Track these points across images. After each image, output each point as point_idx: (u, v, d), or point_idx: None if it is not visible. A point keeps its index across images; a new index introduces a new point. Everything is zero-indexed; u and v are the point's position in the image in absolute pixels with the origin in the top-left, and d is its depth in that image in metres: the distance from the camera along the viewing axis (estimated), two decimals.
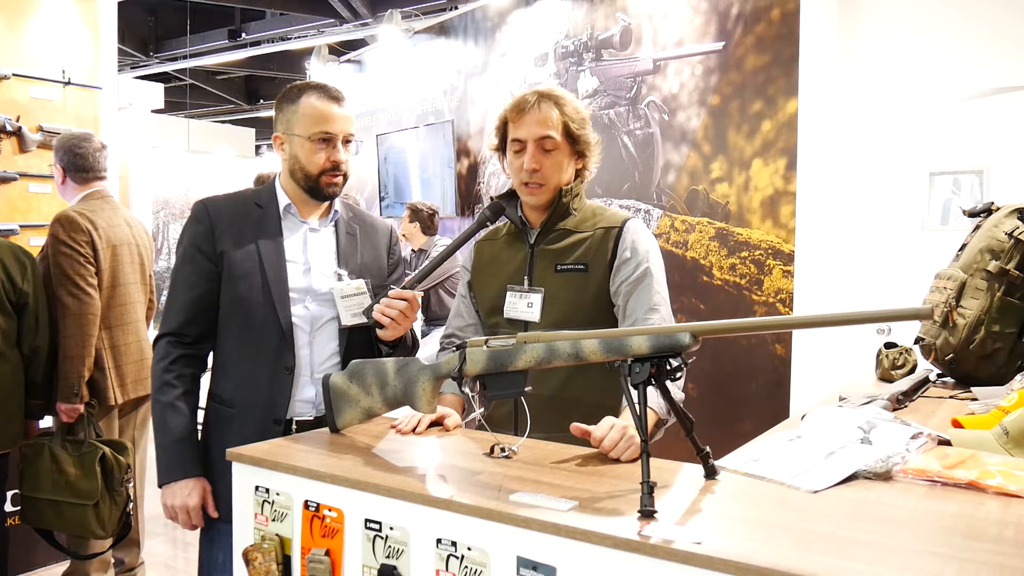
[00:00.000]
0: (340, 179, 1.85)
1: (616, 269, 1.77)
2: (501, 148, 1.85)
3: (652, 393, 1.29)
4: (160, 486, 1.78)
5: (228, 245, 1.81)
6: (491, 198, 1.91)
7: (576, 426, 1.44)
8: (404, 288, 1.75)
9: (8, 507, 2.96)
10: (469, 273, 1.96)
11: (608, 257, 1.77)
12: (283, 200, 1.87)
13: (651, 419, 1.61)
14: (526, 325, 1.79)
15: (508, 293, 1.83)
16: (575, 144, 1.80)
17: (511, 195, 1.88)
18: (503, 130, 1.83)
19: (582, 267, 1.78)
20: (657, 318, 1.72)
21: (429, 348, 3.75)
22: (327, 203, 1.91)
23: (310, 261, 1.85)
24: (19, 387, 2.71)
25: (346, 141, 1.84)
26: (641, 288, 1.75)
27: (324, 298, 1.84)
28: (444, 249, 1.80)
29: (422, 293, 1.83)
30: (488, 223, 1.83)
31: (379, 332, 1.77)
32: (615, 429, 1.41)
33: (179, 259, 1.86)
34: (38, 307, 2.73)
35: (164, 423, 1.78)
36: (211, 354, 1.90)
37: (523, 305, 1.80)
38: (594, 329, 1.28)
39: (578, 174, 1.85)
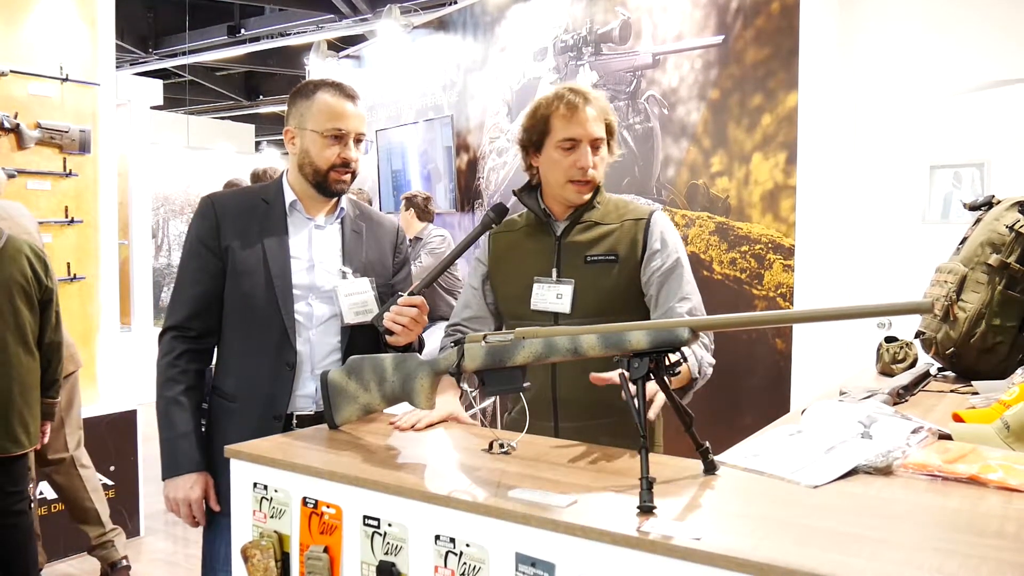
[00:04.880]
0: (348, 176, 1.85)
1: (647, 260, 1.79)
2: (534, 145, 1.83)
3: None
4: (163, 479, 1.79)
5: (233, 240, 1.81)
6: (513, 192, 1.92)
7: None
8: (411, 294, 1.76)
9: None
10: (485, 266, 1.95)
11: (639, 248, 1.80)
12: (289, 196, 1.87)
13: (680, 377, 1.60)
14: (556, 317, 1.80)
15: (535, 285, 1.82)
16: (611, 139, 1.83)
17: (528, 188, 1.90)
18: (541, 127, 1.80)
19: (613, 258, 1.80)
20: (689, 306, 1.77)
21: (429, 344, 3.75)
22: (333, 200, 1.91)
23: (314, 258, 1.86)
24: (39, 384, 2.81)
25: (357, 140, 1.85)
26: (673, 278, 1.79)
27: (327, 295, 1.84)
28: (449, 253, 1.81)
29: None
30: (493, 225, 1.83)
31: (389, 339, 1.78)
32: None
33: (184, 254, 1.87)
34: (58, 303, 2.85)
35: (168, 418, 1.79)
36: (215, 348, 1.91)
37: (552, 296, 1.80)
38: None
39: None
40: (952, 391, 2.02)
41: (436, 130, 5.69)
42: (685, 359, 1.73)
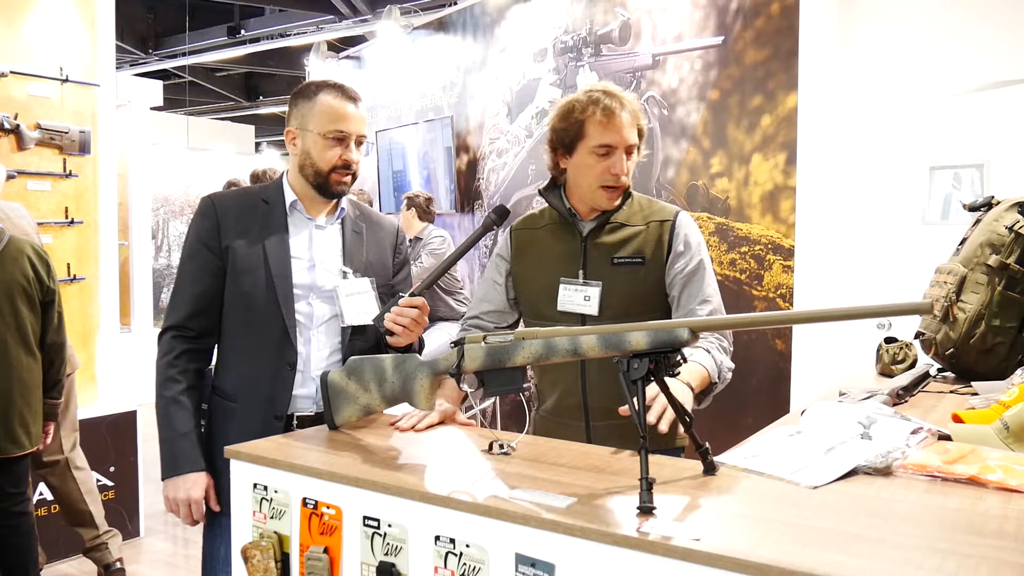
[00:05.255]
0: (349, 178, 1.86)
1: (671, 261, 1.81)
2: (566, 147, 1.82)
3: (702, 355, 1.59)
4: (163, 479, 1.78)
5: (233, 240, 1.81)
6: (539, 191, 1.93)
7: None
8: (412, 295, 1.76)
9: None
10: (508, 262, 1.95)
11: (664, 249, 1.82)
12: (290, 196, 1.88)
13: (701, 381, 1.68)
14: (583, 318, 1.80)
15: (562, 286, 1.83)
16: (641, 142, 1.84)
17: (552, 186, 1.90)
18: (575, 131, 1.78)
19: (639, 260, 1.81)
20: (710, 308, 1.80)
21: (429, 345, 3.75)
22: (334, 201, 1.91)
23: (315, 258, 1.86)
24: (41, 385, 2.82)
25: (358, 141, 1.85)
26: (694, 280, 1.81)
27: (328, 295, 1.84)
28: (451, 255, 1.80)
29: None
30: (494, 227, 1.81)
31: (390, 340, 1.78)
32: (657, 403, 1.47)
33: (185, 253, 1.87)
34: (60, 303, 2.84)
35: (168, 418, 1.79)
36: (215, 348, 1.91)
37: (579, 298, 1.81)
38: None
39: None
40: (952, 392, 2.02)
41: (436, 131, 5.69)
42: (685, 360, 1.74)
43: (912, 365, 2.24)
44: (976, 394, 1.93)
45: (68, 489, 3.27)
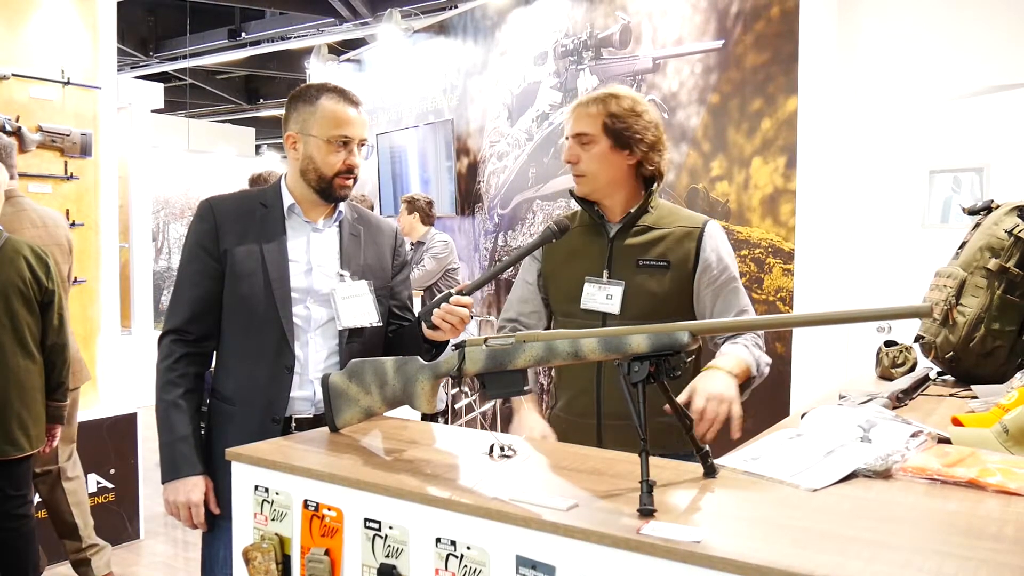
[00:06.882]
0: (352, 182, 1.86)
1: (702, 272, 1.83)
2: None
3: (740, 348, 1.63)
4: (163, 483, 1.79)
5: (231, 244, 1.82)
6: (569, 191, 1.95)
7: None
8: (462, 294, 1.75)
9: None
10: (539, 262, 1.98)
11: (691, 257, 1.83)
12: (288, 200, 1.88)
13: (743, 370, 1.70)
14: (605, 317, 1.82)
15: (586, 284, 1.85)
16: (617, 138, 1.84)
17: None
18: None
19: (664, 264, 1.83)
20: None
21: None
22: (332, 204, 1.91)
23: (312, 261, 1.86)
24: (43, 387, 2.80)
25: (360, 145, 1.86)
26: (728, 291, 1.84)
27: (325, 299, 1.84)
28: (504, 261, 1.79)
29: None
30: (554, 239, 1.78)
31: (430, 333, 1.76)
32: (711, 401, 1.54)
33: (184, 257, 1.87)
34: (61, 304, 2.82)
35: (167, 421, 1.79)
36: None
37: (602, 297, 1.83)
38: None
39: (640, 166, 1.88)
40: (951, 395, 2.03)
41: (436, 134, 5.70)
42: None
43: (912, 368, 2.25)
44: (976, 397, 1.93)
45: (55, 500, 3.22)
